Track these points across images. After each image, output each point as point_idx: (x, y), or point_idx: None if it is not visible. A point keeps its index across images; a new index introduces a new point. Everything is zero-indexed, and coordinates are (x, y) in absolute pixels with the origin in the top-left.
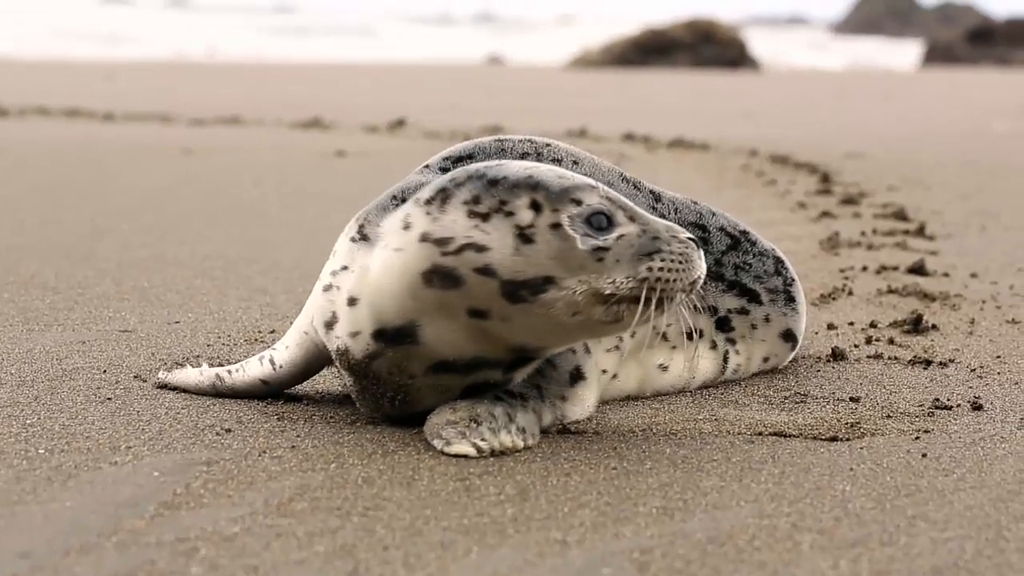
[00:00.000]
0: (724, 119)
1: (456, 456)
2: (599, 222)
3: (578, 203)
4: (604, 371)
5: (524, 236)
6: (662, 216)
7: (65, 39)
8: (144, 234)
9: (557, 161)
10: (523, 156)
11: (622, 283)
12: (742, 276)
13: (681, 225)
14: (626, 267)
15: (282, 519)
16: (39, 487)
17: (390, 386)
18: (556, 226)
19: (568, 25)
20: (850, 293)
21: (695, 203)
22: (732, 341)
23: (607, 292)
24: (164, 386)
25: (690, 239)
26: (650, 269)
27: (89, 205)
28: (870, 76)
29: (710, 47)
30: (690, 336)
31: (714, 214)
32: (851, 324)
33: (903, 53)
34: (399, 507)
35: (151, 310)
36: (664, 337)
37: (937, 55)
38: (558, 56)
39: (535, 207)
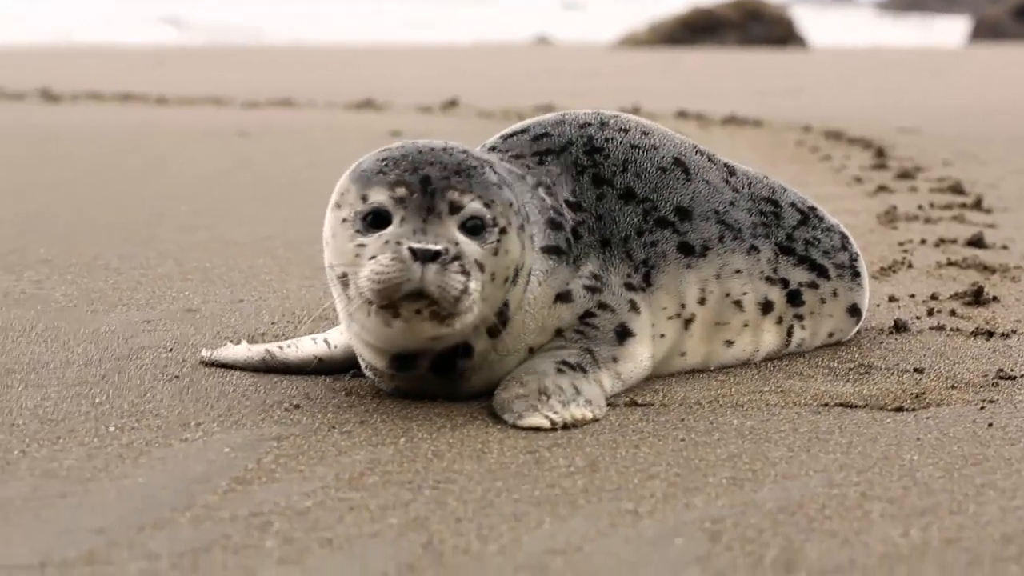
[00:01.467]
0: (775, 96)
1: (528, 428)
2: (376, 220)
3: (364, 199)
4: (663, 335)
5: (336, 227)
6: (735, 190)
7: (112, 24)
8: (203, 216)
9: (624, 131)
10: (585, 126)
11: (361, 284)
12: (811, 251)
13: (754, 200)
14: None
15: (354, 493)
16: (111, 464)
17: None
18: (344, 220)
19: (614, 4)
20: (910, 266)
21: (766, 177)
22: (800, 317)
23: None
24: (210, 364)
25: (415, 249)
26: (368, 272)
27: (146, 188)
28: (917, 53)
29: (758, 25)
30: (766, 310)
31: (785, 189)
32: (912, 296)
33: (950, 30)
34: (470, 480)
35: (214, 289)
36: (739, 307)
37: (984, 31)
38: (605, 35)
39: (350, 200)
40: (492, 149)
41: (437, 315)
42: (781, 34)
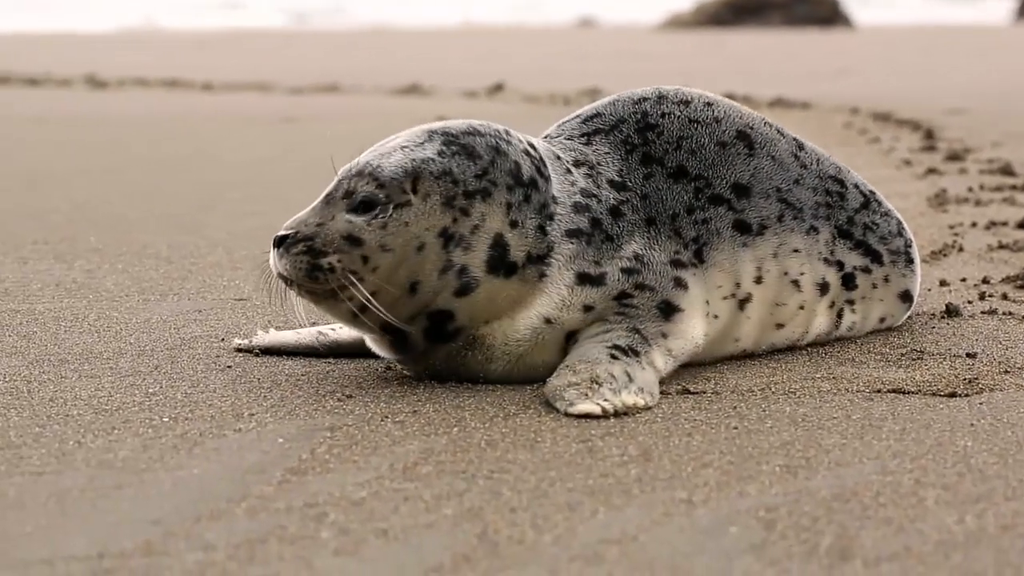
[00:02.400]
0: (822, 77)
1: (580, 416)
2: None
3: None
4: (716, 316)
5: None
6: (803, 166)
7: (182, 10)
8: (252, 203)
9: (685, 103)
10: (640, 101)
11: None
12: (868, 236)
13: (820, 178)
14: None
15: (408, 483)
16: (166, 455)
17: None
18: None
19: None
20: (961, 249)
21: (831, 156)
22: (851, 301)
23: None
24: (252, 351)
25: (278, 236)
26: None
27: (194, 176)
28: (963, 31)
29: (803, 5)
30: (823, 291)
31: (849, 171)
32: (963, 280)
33: (996, 8)
34: (524, 469)
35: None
36: (797, 287)
37: None
38: (649, 17)
39: None
40: (547, 137)
41: (332, 293)
42: (826, 14)
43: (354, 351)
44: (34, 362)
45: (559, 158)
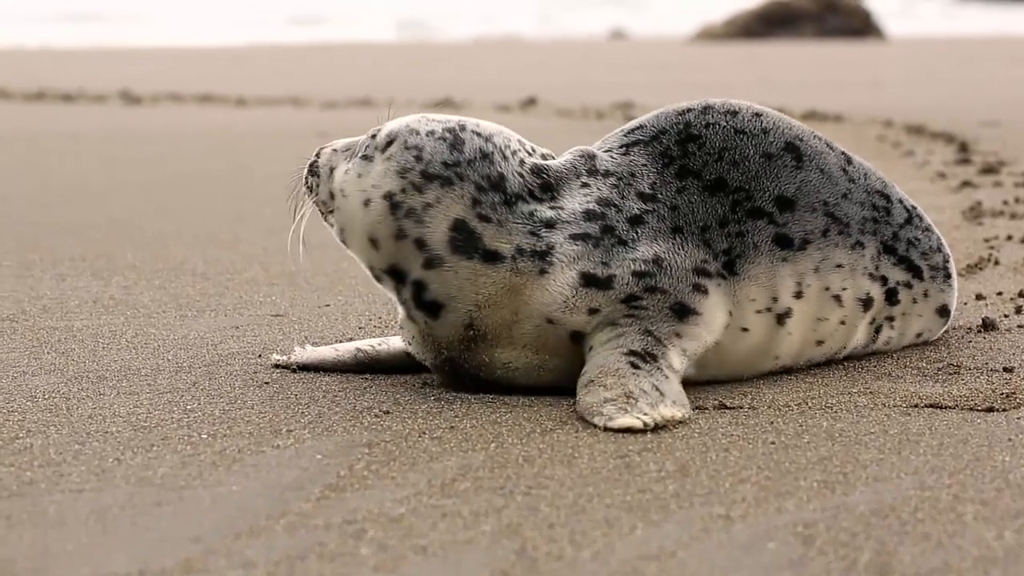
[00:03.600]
0: (855, 89)
1: (621, 430)
2: None
3: None
4: (745, 329)
5: None
6: (852, 180)
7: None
8: (287, 219)
9: (732, 113)
10: (685, 112)
11: None
12: (911, 252)
13: (868, 192)
14: None
15: (446, 499)
16: (205, 472)
17: None
18: None
19: None
20: (996, 263)
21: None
22: (891, 318)
23: None
24: (290, 367)
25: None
26: None
27: (229, 191)
28: (995, 42)
29: (835, 17)
30: (866, 306)
31: (893, 185)
32: (999, 294)
33: None
34: (561, 485)
35: (301, 294)
36: (839, 302)
37: None
38: (681, 30)
39: None
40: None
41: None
42: (858, 25)
43: (393, 367)
44: (73, 379)
45: (579, 173)
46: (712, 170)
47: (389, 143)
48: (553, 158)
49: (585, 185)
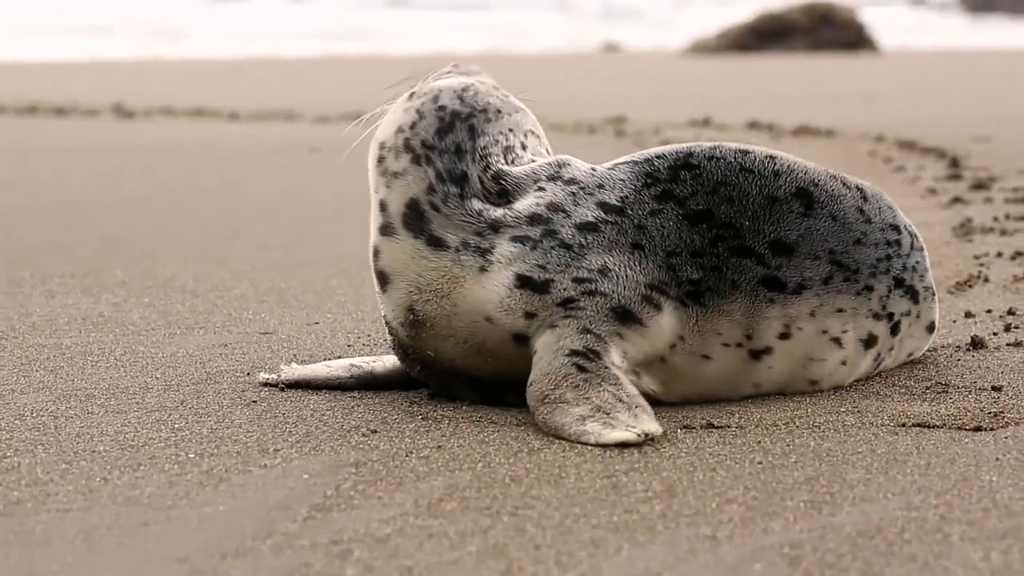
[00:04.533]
0: (847, 103)
1: (616, 445)
2: None
3: None
4: (706, 356)
5: None
6: (868, 220)
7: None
8: (278, 235)
9: (743, 152)
10: (695, 145)
11: None
12: (914, 278)
13: (882, 229)
14: None
15: (433, 520)
16: (192, 491)
17: None
18: None
19: (682, 10)
20: (986, 280)
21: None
22: (892, 348)
23: None
24: (278, 385)
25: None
26: None
27: (220, 206)
28: (989, 56)
29: (828, 30)
30: (869, 345)
31: (896, 208)
32: (989, 312)
33: (1021, 32)
34: (548, 505)
35: (290, 312)
36: (838, 344)
37: None
38: (674, 42)
39: None
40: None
41: None
42: (852, 38)
43: (389, 383)
44: (61, 397)
45: (538, 178)
46: (700, 201)
47: (412, 95)
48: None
49: (540, 189)
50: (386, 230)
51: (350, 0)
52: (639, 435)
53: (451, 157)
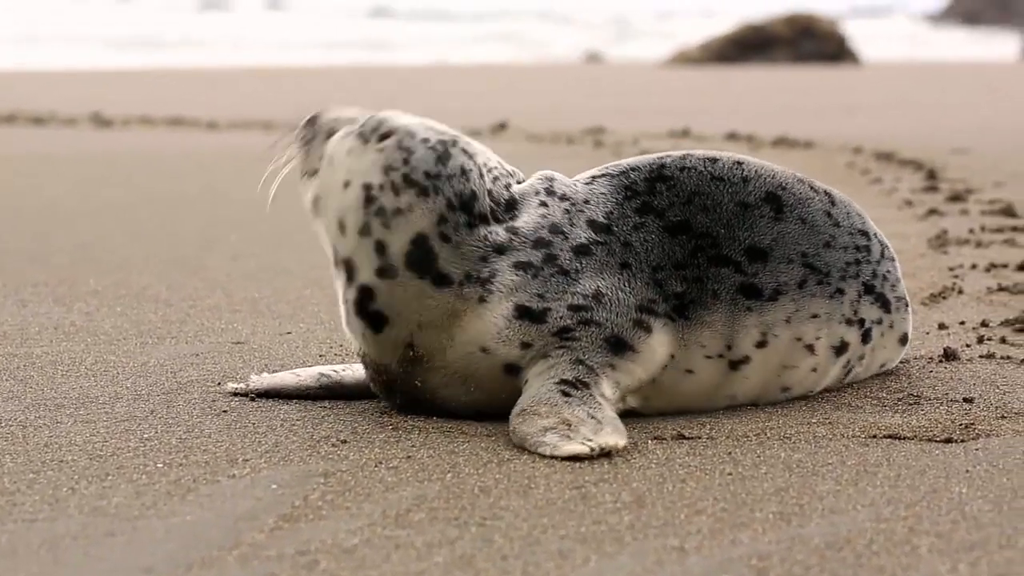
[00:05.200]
0: (827, 115)
1: (569, 457)
2: None
3: None
4: (690, 371)
5: None
6: (836, 224)
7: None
8: (253, 244)
9: (712, 160)
10: (664, 156)
11: None
12: (885, 287)
13: (851, 234)
14: None
15: (400, 530)
16: (159, 501)
17: None
18: None
19: (665, 21)
20: (960, 292)
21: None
22: (862, 357)
23: None
24: (248, 395)
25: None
26: None
27: (197, 215)
28: (970, 68)
29: (810, 42)
30: (840, 352)
31: (866, 216)
32: (962, 323)
33: (1003, 44)
34: (516, 516)
35: (263, 321)
36: (811, 351)
37: None
38: (656, 53)
39: None
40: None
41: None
42: (833, 50)
43: (358, 392)
44: (30, 407)
45: (537, 192)
46: (677, 212)
47: (385, 135)
48: (519, 182)
49: (543, 204)
50: (385, 272)
51: (332, 10)
52: (592, 449)
53: (459, 179)
